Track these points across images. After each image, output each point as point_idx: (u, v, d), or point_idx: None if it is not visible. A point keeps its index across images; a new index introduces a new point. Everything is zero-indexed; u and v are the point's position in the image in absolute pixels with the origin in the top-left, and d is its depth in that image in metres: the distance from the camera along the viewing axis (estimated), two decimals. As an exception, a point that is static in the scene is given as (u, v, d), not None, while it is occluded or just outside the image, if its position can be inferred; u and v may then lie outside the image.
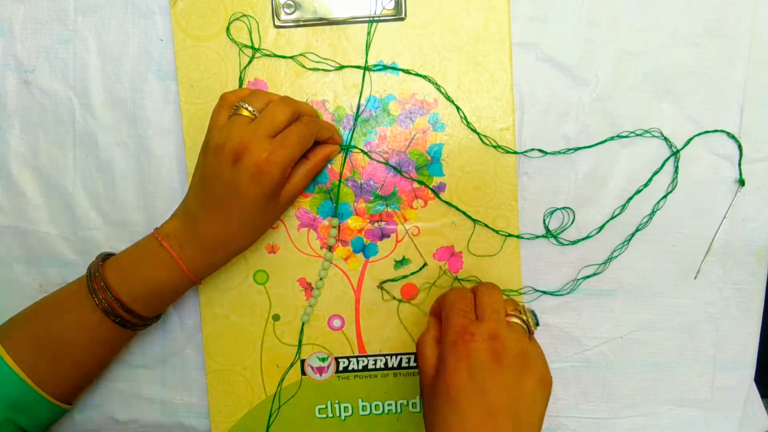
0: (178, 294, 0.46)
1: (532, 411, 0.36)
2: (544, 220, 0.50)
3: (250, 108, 0.42)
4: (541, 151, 0.49)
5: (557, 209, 0.50)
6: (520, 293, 0.50)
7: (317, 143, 0.47)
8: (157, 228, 0.45)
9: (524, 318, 0.40)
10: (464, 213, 0.49)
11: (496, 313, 0.39)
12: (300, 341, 0.51)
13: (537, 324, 0.41)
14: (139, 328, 0.46)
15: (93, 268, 0.44)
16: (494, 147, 0.49)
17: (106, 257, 0.45)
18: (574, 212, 0.50)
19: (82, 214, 0.50)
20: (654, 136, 0.49)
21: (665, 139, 0.48)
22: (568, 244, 0.50)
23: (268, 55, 0.48)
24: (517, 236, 0.50)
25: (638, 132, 0.49)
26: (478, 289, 0.42)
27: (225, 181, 0.41)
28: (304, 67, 0.49)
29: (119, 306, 0.43)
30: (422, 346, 0.40)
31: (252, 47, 0.48)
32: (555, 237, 0.50)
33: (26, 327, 0.44)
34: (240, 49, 0.48)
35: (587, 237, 0.50)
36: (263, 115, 0.42)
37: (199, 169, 0.43)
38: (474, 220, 0.49)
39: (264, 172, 0.41)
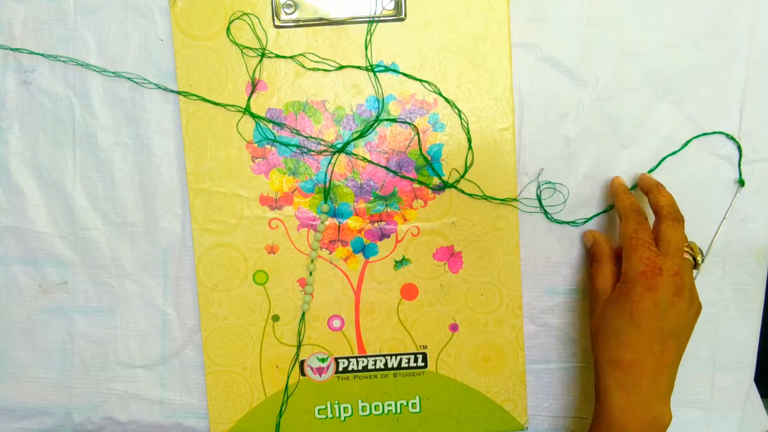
0: None
1: (689, 335, 0.44)
2: (538, 195, 0.50)
3: None
4: (543, 210, 0.50)
5: (550, 183, 0.50)
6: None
7: None
8: None
9: (695, 255, 0.45)
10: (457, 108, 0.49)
11: (681, 252, 0.43)
12: (299, 342, 0.51)
13: (703, 261, 0.47)
14: None
15: None
16: (498, 200, 0.49)
17: None
18: (567, 189, 0.50)
19: (82, 214, 0.50)
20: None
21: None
22: (564, 223, 0.50)
23: (269, 56, 0.48)
24: (514, 200, 0.50)
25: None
26: (663, 220, 0.44)
27: None
28: (304, 67, 0.49)
29: None
30: (605, 262, 0.46)
31: (261, 48, 0.48)
32: (546, 212, 0.50)
33: None
34: (241, 50, 0.48)
35: (591, 217, 0.50)
36: None
37: None
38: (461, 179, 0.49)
39: None
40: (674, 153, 0.50)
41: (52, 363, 0.51)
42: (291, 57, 0.49)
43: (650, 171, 0.50)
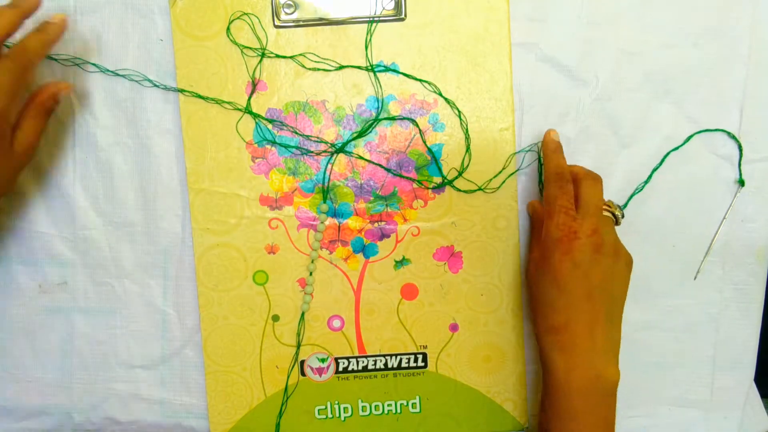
0: None
1: (622, 288, 0.44)
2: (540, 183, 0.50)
3: None
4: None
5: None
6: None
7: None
8: None
9: (614, 211, 0.46)
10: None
11: (598, 209, 0.43)
12: (299, 342, 0.51)
13: (623, 216, 0.46)
14: None
15: None
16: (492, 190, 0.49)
17: None
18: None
19: (82, 214, 0.50)
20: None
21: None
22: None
23: (269, 56, 0.48)
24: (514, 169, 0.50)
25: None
26: (581, 182, 0.44)
27: None
28: (304, 66, 0.49)
29: None
30: (536, 230, 0.46)
31: (261, 48, 0.48)
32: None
33: None
34: (241, 50, 0.48)
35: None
36: None
37: None
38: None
39: None
40: (676, 149, 0.50)
41: (52, 363, 0.51)
42: (291, 57, 0.49)
43: (654, 170, 0.50)
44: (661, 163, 0.50)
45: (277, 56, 0.48)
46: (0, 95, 0.40)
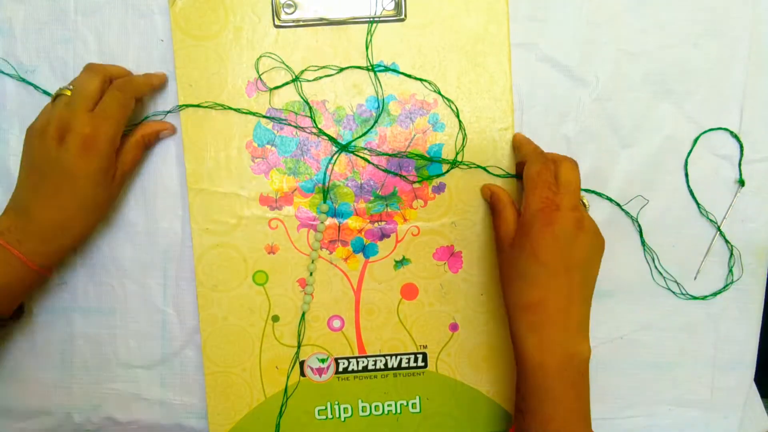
0: (31, 288, 0.46)
1: (596, 267, 0.43)
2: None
3: (69, 87, 0.43)
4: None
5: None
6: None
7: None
8: None
9: (582, 200, 0.46)
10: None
11: (577, 189, 0.43)
12: (299, 342, 0.51)
13: (588, 207, 0.48)
14: None
15: None
16: (492, 174, 0.49)
17: None
18: None
19: (82, 214, 0.50)
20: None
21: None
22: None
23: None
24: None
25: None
26: (561, 163, 0.44)
27: (53, 163, 0.42)
28: (303, 80, 0.49)
29: None
30: (503, 209, 0.46)
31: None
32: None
33: None
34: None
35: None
36: (75, 89, 0.43)
37: (25, 157, 0.44)
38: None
39: (90, 146, 0.42)
40: (689, 154, 0.50)
41: (52, 363, 0.51)
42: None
43: (685, 163, 0.50)
44: (689, 152, 0.50)
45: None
46: (111, 122, 0.43)
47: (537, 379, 0.41)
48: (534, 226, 0.41)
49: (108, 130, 0.43)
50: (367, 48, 0.49)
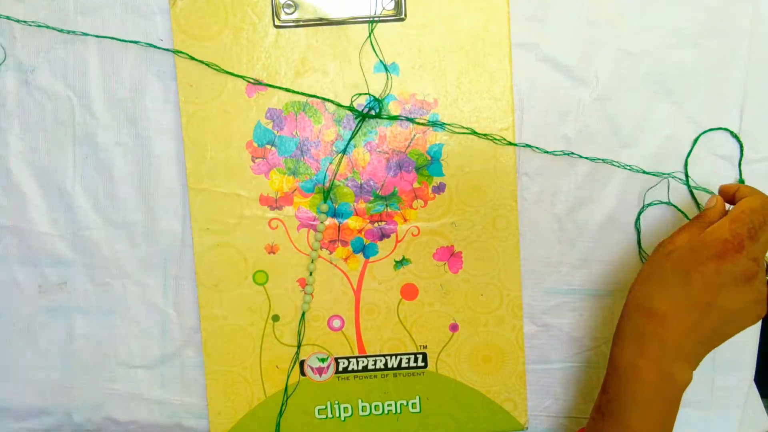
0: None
1: (737, 327, 0.41)
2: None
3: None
4: (534, 147, 0.49)
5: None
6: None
7: None
8: None
9: None
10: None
11: (766, 247, 0.41)
12: (299, 342, 0.51)
13: None
14: None
15: None
16: (492, 140, 0.49)
17: None
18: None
19: (82, 214, 0.50)
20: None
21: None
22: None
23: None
24: (513, 143, 0.50)
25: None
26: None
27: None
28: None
29: None
30: (694, 227, 0.43)
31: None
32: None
33: None
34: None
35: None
36: None
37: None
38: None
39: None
40: (689, 154, 0.50)
41: (52, 363, 0.51)
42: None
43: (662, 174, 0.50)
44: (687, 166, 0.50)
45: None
46: None
47: (630, 384, 0.40)
48: (706, 250, 0.39)
49: None
50: (371, 47, 0.49)
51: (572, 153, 0.49)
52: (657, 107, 0.50)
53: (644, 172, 0.49)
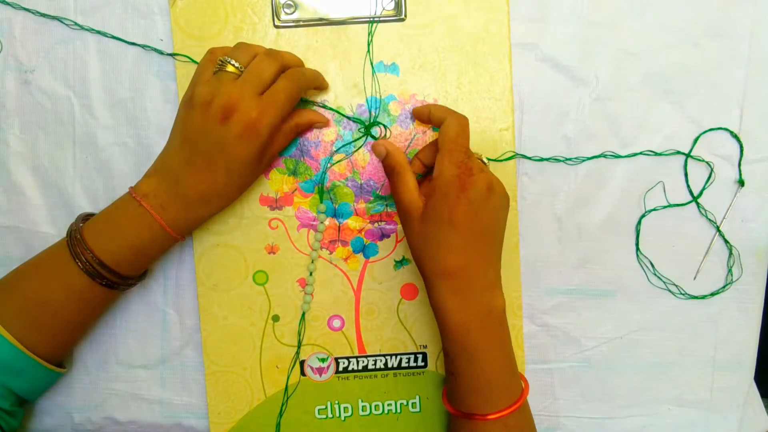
0: (163, 250, 0.46)
1: (504, 225, 0.44)
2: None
3: (236, 64, 0.43)
4: (529, 157, 0.50)
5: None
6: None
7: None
8: (132, 187, 0.44)
9: (482, 158, 0.46)
10: None
11: (467, 149, 0.43)
12: (299, 342, 0.51)
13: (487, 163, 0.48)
14: (126, 288, 0.46)
15: (73, 230, 0.44)
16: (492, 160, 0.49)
17: (85, 218, 0.45)
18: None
19: (82, 214, 0.50)
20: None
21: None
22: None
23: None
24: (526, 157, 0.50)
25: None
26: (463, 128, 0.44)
27: (212, 139, 0.42)
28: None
29: (104, 269, 0.43)
30: (403, 173, 0.44)
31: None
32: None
33: (12, 294, 0.44)
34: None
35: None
36: (249, 71, 0.42)
37: (181, 124, 0.43)
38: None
39: (253, 131, 0.42)
40: (689, 154, 0.50)
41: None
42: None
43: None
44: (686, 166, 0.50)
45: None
46: (276, 110, 0.43)
47: (462, 338, 0.42)
48: (451, 193, 0.41)
49: (272, 118, 0.42)
50: (367, 48, 0.49)
51: (567, 159, 0.49)
52: (657, 107, 0.50)
53: (656, 153, 0.49)
